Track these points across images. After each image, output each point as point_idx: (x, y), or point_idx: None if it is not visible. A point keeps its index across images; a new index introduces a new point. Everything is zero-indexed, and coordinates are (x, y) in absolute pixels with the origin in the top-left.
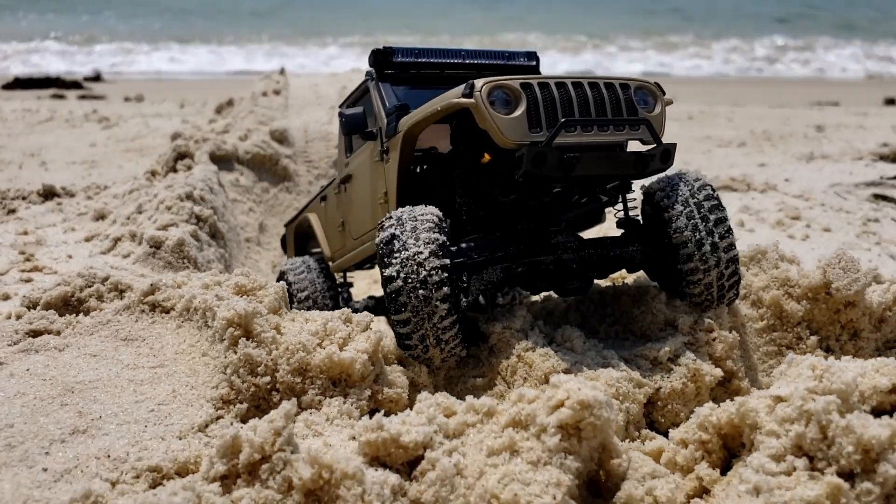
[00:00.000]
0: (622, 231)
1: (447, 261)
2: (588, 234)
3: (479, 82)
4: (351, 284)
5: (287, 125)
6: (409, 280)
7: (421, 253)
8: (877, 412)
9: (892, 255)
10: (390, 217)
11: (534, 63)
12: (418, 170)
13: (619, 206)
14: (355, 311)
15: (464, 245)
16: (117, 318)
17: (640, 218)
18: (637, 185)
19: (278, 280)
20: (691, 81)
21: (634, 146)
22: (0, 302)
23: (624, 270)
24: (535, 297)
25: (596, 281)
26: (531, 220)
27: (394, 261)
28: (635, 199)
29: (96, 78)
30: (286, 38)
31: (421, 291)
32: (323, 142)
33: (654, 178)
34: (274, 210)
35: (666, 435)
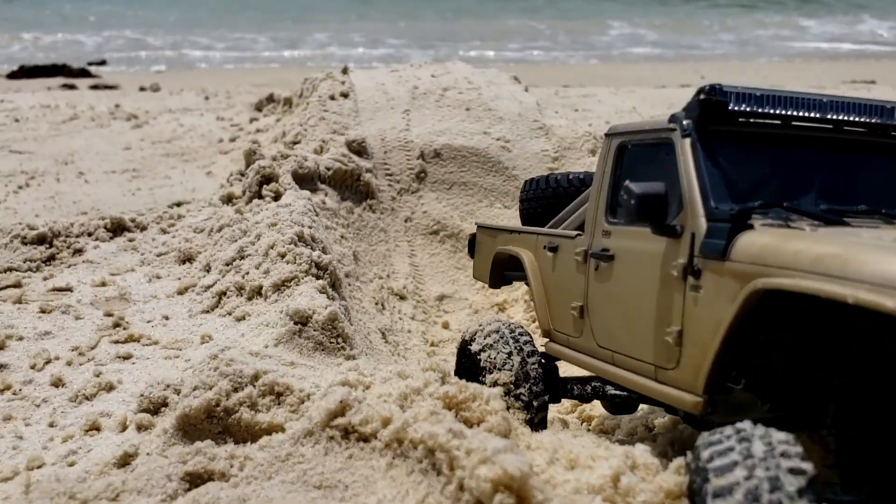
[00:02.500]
0: None
1: None
2: None
3: None
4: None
5: (363, 134)
6: None
7: None
8: None
9: None
10: (731, 447)
11: None
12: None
13: None
14: None
15: None
16: (299, 449)
17: None
18: None
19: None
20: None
21: None
22: (104, 393)
23: None
24: None
25: None
26: None
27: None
28: None
29: (102, 63)
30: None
31: None
32: (403, 151)
33: None
34: (361, 234)
35: None
